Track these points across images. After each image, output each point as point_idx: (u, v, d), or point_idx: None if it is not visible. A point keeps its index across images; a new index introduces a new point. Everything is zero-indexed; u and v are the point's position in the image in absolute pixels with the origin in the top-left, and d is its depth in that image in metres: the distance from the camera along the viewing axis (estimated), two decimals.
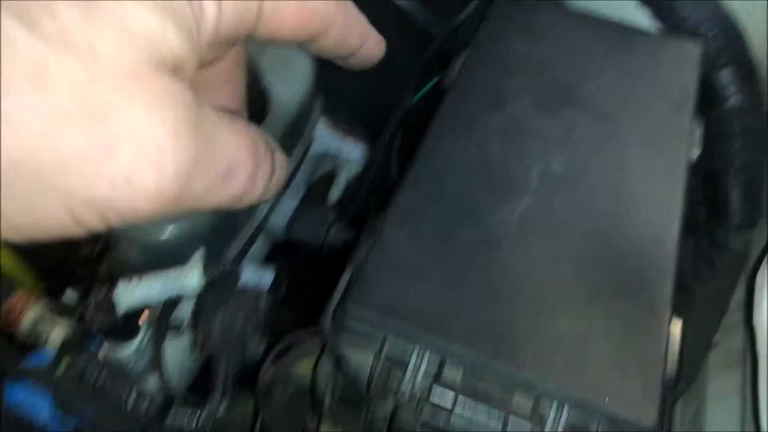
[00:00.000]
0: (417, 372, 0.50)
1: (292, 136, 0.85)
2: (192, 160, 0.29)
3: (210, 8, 0.30)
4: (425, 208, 0.58)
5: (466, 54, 0.73)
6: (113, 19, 0.26)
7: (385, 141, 0.94)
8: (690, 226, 0.96)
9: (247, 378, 0.74)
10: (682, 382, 0.84)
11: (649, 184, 0.62)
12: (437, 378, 0.49)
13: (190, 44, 0.29)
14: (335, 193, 1.06)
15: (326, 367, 0.57)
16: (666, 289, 0.55)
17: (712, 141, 0.87)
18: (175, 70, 0.29)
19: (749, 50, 0.83)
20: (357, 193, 1.03)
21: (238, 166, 0.33)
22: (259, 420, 0.68)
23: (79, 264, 0.97)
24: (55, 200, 0.26)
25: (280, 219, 0.91)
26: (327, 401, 0.58)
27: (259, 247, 0.94)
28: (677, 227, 0.59)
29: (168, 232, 0.71)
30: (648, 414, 0.48)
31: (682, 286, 0.89)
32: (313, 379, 0.59)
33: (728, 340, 0.86)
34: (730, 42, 0.81)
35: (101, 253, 0.88)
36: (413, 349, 0.50)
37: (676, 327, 0.55)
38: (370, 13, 0.84)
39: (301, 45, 0.42)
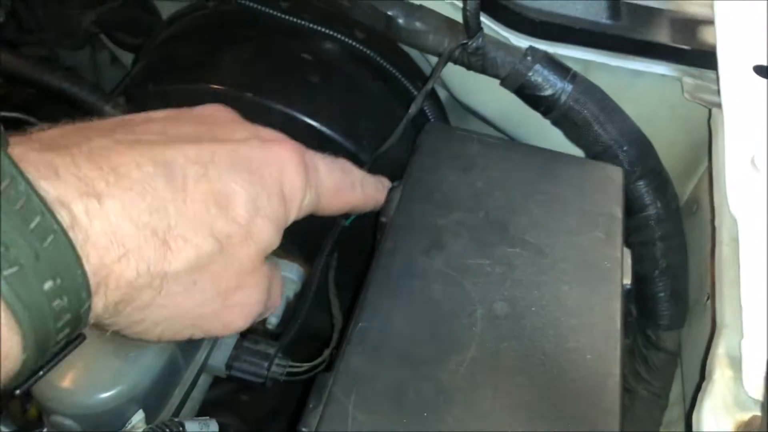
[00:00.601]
0: None
1: None
2: (261, 312, 0.60)
3: (300, 213, 0.59)
4: (373, 366, 0.58)
5: (402, 189, 0.75)
6: (253, 240, 0.53)
7: (322, 262, 0.95)
8: (627, 328, 1.00)
9: None
10: None
11: (588, 319, 0.65)
12: None
13: (280, 237, 0.57)
14: (275, 318, 1.05)
15: None
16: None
17: (637, 247, 0.92)
18: (267, 253, 0.56)
19: (659, 161, 0.89)
20: (297, 314, 1.02)
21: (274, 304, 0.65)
22: None
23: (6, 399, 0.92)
24: (188, 330, 0.56)
25: (219, 357, 0.90)
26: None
27: (200, 383, 0.92)
28: (619, 368, 0.61)
29: (104, 399, 0.68)
30: None
31: (625, 388, 0.92)
32: None
33: None
34: (641, 155, 0.87)
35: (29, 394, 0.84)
36: None
37: None
38: (299, 140, 0.88)
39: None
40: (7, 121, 1.25)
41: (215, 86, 0.93)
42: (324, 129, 0.92)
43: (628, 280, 0.71)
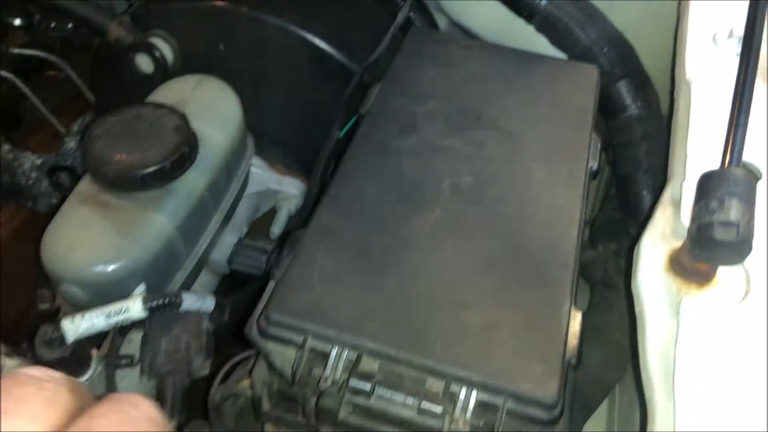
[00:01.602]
0: (336, 366, 0.54)
1: (225, 175, 0.90)
2: None
3: None
4: (342, 223, 0.63)
5: (381, 84, 0.81)
6: None
7: (319, 173, 1.00)
8: (612, 231, 1.04)
9: (196, 399, 0.77)
10: (615, 370, 0.90)
11: (550, 191, 0.69)
12: (355, 370, 0.54)
13: None
14: (277, 228, 1.11)
15: (260, 371, 0.62)
16: (566, 283, 0.61)
17: (619, 149, 0.95)
18: None
19: (640, 63, 0.92)
20: (299, 224, 1.09)
21: None
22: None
23: (38, 319, 1.00)
24: None
25: (221, 254, 0.96)
26: (265, 403, 0.62)
27: (207, 281, 0.98)
28: (577, 228, 0.66)
29: (108, 269, 0.75)
30: (549, 390, 0.53)
31: (609, 285, 0.96)
32: (251, 384, 0.63)
33: None
34: (622, 57, 0.90)
35: (58, 309, 0.91)
36: (332, 347, 0.55)
37: (576, 318, 0.61)
38: (294, 57, 0.92)
39: None
40: (30, 60, 1.34)
41: (215, 3, 0.98)
42: (317, 41, 0.97)
43: (594, 164, 0.75)
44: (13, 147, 1.20)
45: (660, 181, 0.90)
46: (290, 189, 1.13)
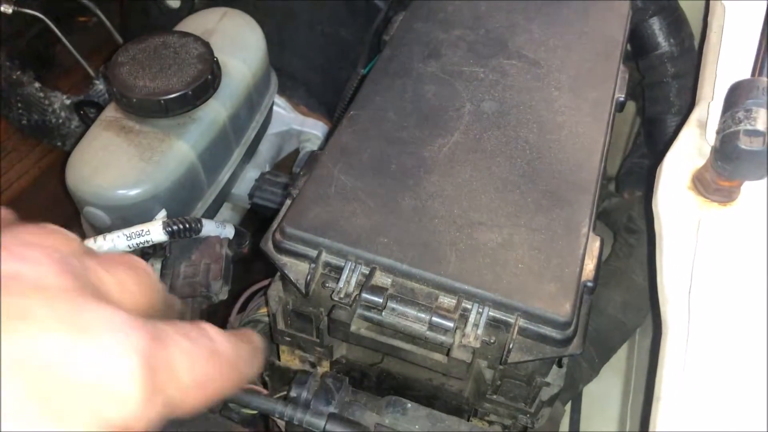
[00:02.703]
0: (349, 280, 0.54)
1: (248, 108, 0.90)
2: None
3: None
4: (361, 143, 0.63)
5: (405, 12, 0.79)
6: None
7: (343, 111, 1.00)
8: (638, 178, 1.02)
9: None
10: (635, 315, 0.89)
11: (574, 119, 0.67)
12: (367, 284, 0.54)
13: None
14: (299, 168, 1.11)
15: (275, 290, 0.62)
16: (585, 207, 0.60)
17: (650, 89, 0.92)
18: None
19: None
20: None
21: None
22: None
23: None
24: None
25: (243, 189, 0.96)
26: (279, 322, 0.63)
27: (227, 217, 0.99)
28: (600, 156, 0.64)
29: (131, 193, 0.76)
30: (563, 309, 0.52)
31: (632, 230, 0.95)
32: (266, 302, 0.64)
33: None
34: None
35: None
36: (346, 261, 0.55)
37: (596, 243, 0.60)
38: None
39: None
40: (62, 4, 1.34)
41: None
42: None
43: (621, 95, 0.73)
44: (44, 86, 1.21)
45: None
46: (313, 130, 1.13)
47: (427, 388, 0.66)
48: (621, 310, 0.90)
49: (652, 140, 0.94)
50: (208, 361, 0.39)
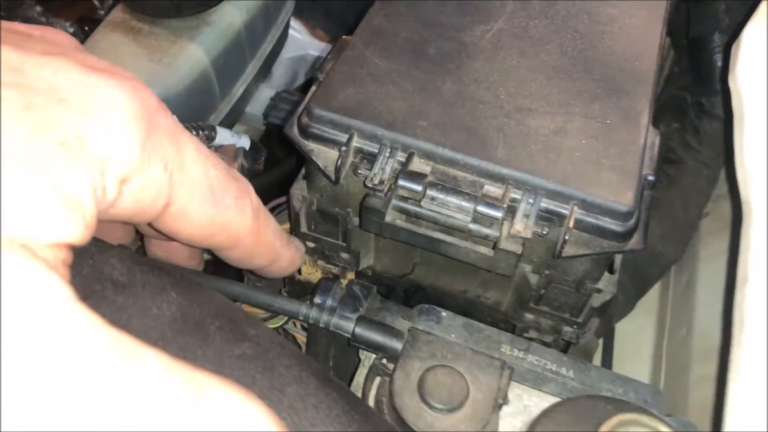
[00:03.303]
0: (384, 167, 0.49)
1: (263, 18, 0.84)
2: None
3: (110, 197, 0.31)
4: (396, 26, 0.57)
5: None
6: None
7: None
8: (676, 110, 0.96)
9: None
10: (674, 247, 0.84)
11: (627, 11, 0.61)
12: (405, 170, 0.48)
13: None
14: None
15: (299, 188, 0.56)
16: (644, 97, 0.54)
17: (694, 5, 0.86)
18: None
19: None
20: None
21: None
22: (246, 279, 0.67)
23: None
24: None
25: (258, 108, 0.91)
26: (303, 224, 0.57)
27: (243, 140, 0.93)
28: (657, 48, 0.58)
29: None
30: (625, 197, 0.47)
31: (671, 161, 0.89)
32: (288, 201, 0.58)
33: (718, 209, 0.85)
34: None
35: None
36: (380, 147, 0.49)
37: (656, 137, 0.54)
38: None
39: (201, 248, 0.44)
40: None
41: None
42: None
43: None
44: (46, 11, 1.15)
45: None
46: (317, 53, 1.07)
47: (460, 301, 0.61)
48: (659, 241, 0.84)
49: (695, 63, 0.88)
50: (226, 178, 0.39)
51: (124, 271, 0.39)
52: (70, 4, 1.35)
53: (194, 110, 0.75)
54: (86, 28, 1.02)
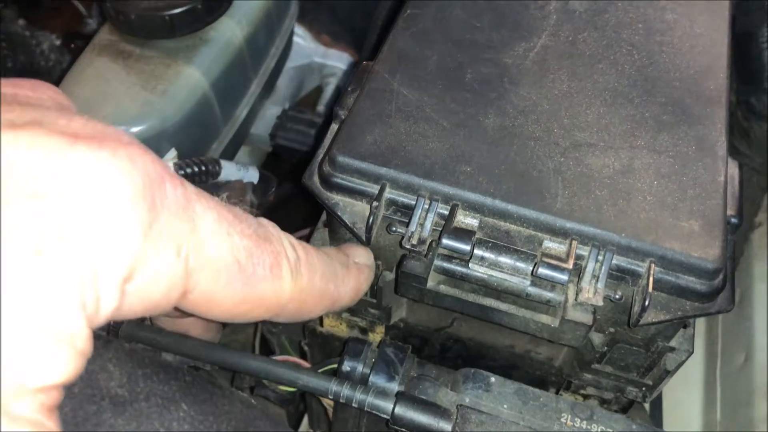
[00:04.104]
0: (423, 222, 0.42)
1: (266, 30, 0.77)
2: None
3: (108, 305, 0.26)
4: (425, 48, 0.50)
5: None
6: None
7: (372, 43, 0.86)
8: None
9: None
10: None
11: (687, 16, 0.54)
12: (448, 226, 0.41)
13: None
14: (324, 107, 0.98)
15: (320, 240, 0.50)
16: (718, 123, 0.47)
17: (743, 1, 0.79)
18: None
19: None
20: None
21: None
22: (259, 326, 0.61)
23: None
24: None
25: (263, 128, 0.84)
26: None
27: (246, 161, 0.86)
28: (726, 58, 0.51)
29: (133, 129, 0.63)
30: (711, 251, 0.40)
31: None
32: None
33: None
34: None
35: None
36: (417, 198, 0.42)
37: (734, 167, 0.47)
38: None
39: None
40: None
41: None
42: None
43: None
44: (30, 24, 1.08)
45: None
46: (337, 63, 1.00)
47: (506, 356, 0.54)
48: None
49: (742, 59, 0.81)
50: (257, 241, 0.32)
51: (123, 380, 0.33)
52: (55, 15, 1.28)
53: (194, 140, 0.68)
54: (72, 45, 0.94)
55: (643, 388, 0.50)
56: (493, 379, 0.46)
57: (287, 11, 0.83)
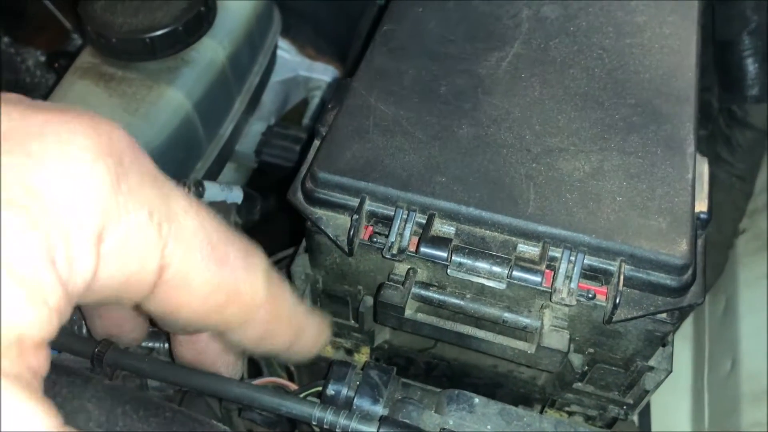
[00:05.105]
0: (402, 231, 0.46)
1: (249, 47, 0.81)
2: None
3: (84, 267, 0.26)
4: (400, 63, 0.54)
5: None
6: None
7: (356, 55, 0.90)
8: (704, 113, 0.92)
9: None
10: (708, 270, 0.81)
11: (657, 18, 0.58)
12: (426, 234, 0.45)
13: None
14: (309, 121, 1.02)
15: (301, 265, 0.53)
16: (687, 121, 0.51)
17: (721, 6, 0.83)
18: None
19: None
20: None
21: None
22: None
23: None
24: None
25: (248, 146, 0.88)
26: (308, 304, 0.54)
27: (232, 178, 0.91)
28: (694, 57, 0.55)
29: None
30: (678, 247, 0.44)
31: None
32: (289, 279, 0.55)
33: (755, 226, 0.82)
34: None
35: None
36: (396, 209, 0.46)
37: (703, 164, 0.51)
38: None
39: (209, 330, 0.36)
40: None
41: None
42: None
43: None
44: (15, 41, 1.12)
45: None
46: (322, 76, 1.04)
47: (490, 375, 0.58)
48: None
49: (724, 67, 0.84)
50: (226, 240, 0.32)
51: (102, 419, 0.36)
52: (40, 31, 1.33)
53: (178, 163, 0.72)
54: (56, 64, 0.99)
55: (624, 407, 0.54)
56: (477, 400, 0.49)
57: (270, 27, 0.87)
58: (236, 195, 0.72)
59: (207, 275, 0.31)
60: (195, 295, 0.31)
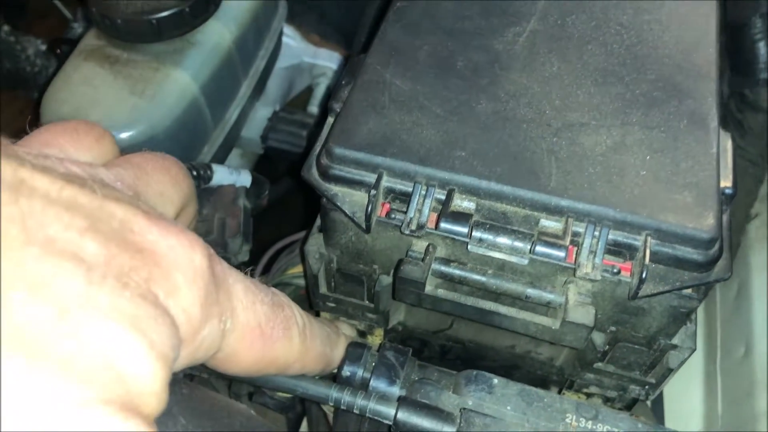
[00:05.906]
0: (422, 207, 0.46)
1: (255, 32, 0.81)
2: None
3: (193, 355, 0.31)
4: (415, 39, 0.54)
5: None
6: None
7: (362, 41, 0.90)
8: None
9: None
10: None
11: None
12: (446, 210, 0.45)
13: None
14: (315, 107, 1.02)
15: (315, 244, 0.53)
16: (708, 96, 0.51)
17: None
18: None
19: None
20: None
21: None
22: None
23: None
24: None
25: (254, 130, 0.88)
26: (322, 285, 0.54)
27: (238, 164, 0.90)
28: (715, 31, 0.55)
29: (122, 135, 0.67)
30: (705, 221, 0.44)
31: None
32: (303, 260, 0.55)
33: (767, 211, 0.82)
34: None
35: None
36: (414, 184, 0.46)
37: (727, 139, 0.51)
38: None
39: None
40: None
41: None
42: None
43: None
44: (15, 30, 1.12)
45: None
46: (327, 62, 1.04)
47: (507, 357, 0.58)
48: None
49: (736, 51, 0.84)
50: (272, 308, 0.38)
51: None
52: (39, 20, 1.33)
53: (184, 146, 0.72)
54: (58, 51, 0.99)
55: (646, 387, 0.53)
56: (495, 381, 0.49)
57: (275, 12, 0.87)
58: (245, 178, 0.71)
59: (252, 353, 0.36)
60: (239, 366, 0.36)
